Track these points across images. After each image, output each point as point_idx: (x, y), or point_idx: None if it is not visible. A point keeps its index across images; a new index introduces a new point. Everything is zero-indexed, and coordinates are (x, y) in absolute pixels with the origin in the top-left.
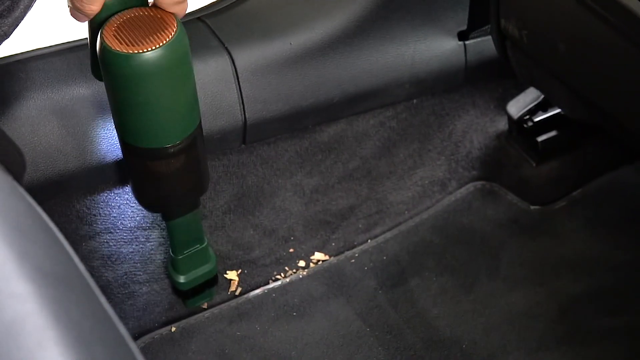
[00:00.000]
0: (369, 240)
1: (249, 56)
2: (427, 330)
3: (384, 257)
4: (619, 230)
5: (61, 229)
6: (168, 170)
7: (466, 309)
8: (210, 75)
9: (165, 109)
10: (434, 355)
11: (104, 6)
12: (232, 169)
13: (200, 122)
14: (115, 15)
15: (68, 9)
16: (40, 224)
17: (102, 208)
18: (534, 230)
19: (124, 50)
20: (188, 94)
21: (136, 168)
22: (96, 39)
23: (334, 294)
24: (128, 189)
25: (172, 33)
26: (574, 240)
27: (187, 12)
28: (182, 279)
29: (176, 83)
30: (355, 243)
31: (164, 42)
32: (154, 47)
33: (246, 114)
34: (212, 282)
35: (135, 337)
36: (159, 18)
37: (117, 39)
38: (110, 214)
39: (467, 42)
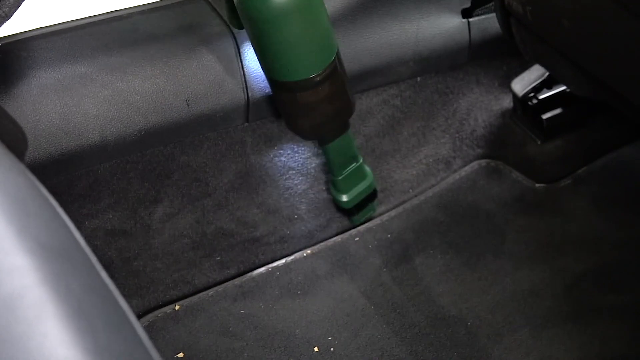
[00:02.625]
0: (373, 219)
1: None
2: (432, 308)
3: (389, 235)
4: (624, 207)
5: (64, 207)
6: (318, 98)
7: (471, 286)
8: (213, 54)
9: (306, 42)
10: (439, 332)
11: None
12: (235, 148)
13: (337, 49)
14: None
15: None
16: (40, 199)
17: (104, 186)
18: (539, 208)
19: None
20: (324, 24)
21: (289, 102)
22: None
23: (338, 272)
24: (130, 167)
25: None
26: (579, 218)
27: None
28: (345, 198)
29: (312, 16)
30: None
31: None
32: None
33: (249, 92)
34: (373, 197)
35: (139, 316)
36: None
37: None
38: (113, 192)
39: (470, 20)
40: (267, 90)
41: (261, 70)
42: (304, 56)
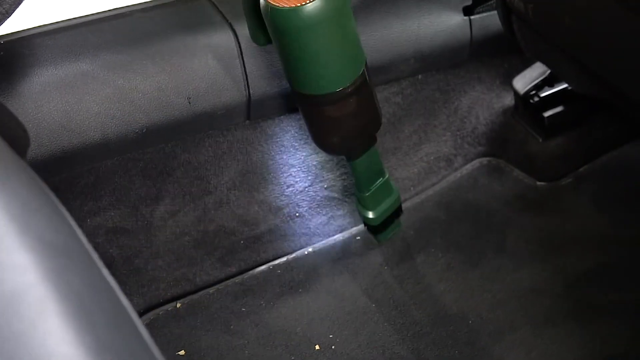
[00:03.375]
0: None
1: None
2: (434, 306)
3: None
4: (626, 206)
5: (66, 205)
6: (346, 112)
7: (472, 284)
8: (214, 51)
9: (336, 54)
10: (441, 330)
11: None
12: (237, 145)
13: (366, 60)
14: None
15: None
16: (42, 196)
17: (106, 184)
18: (540, 207)
19: (286, 4)
20: (353, 35)
21: (315, 116)
22: (248, 9)
23: (340, 270)
24: (132, 164)
25: None
26: (581, 216)
27: None
28: (372, 215)
29: (341, 27)
30: (361, 219)
31: None
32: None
33: (250, 90)
34: (398, 213)
35: (141, 313)
36: None
37: None
38: (114, 190)
39: (472, 17)
40: (268, 88)
41: (263, 67)
42: (333, 68)
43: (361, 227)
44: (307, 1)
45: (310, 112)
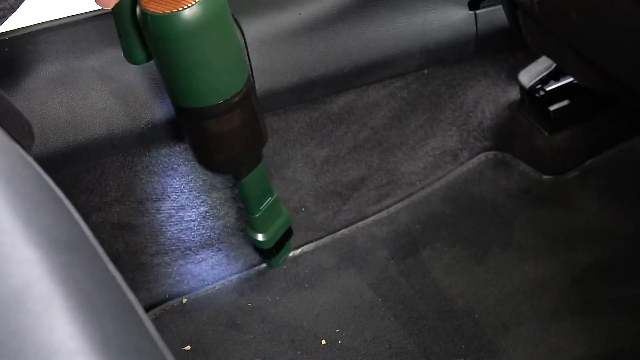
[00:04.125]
0: (381, 211)
1: (258, 27)
2: (440, 301)
3: (396, 228)
4: (632, 200)
5: (71, 201)
6: (230, 127)
7: (478, 279)
8: None
9: (217, 63)
10: (447, 325)
11: None
12: None
13: (250, 75)
14: None
15: None
16: (47, 191)
17: (111, 179)
18: (546, 200)
19: (164, 11)
20: (232, 47)
21: (198, 133)
22: (123, 26)
23: (346, 265)
24: (137, 160)
25: None
26: (587, 210)
27: None
28: (263, 237)
29: (220, 35)
30: (367, 214)
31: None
32: (190, 4)
33: (255, 84)
34: (289, 234)
35: (147, 309)
36: None
37: (154, 3)
38: (120, 186)
39: (477, 12)
40: (273, 83)
41: (268, 62)
42: (214, 79)
43: (367, 221)
44: (185, 6)
45: (192, 128)
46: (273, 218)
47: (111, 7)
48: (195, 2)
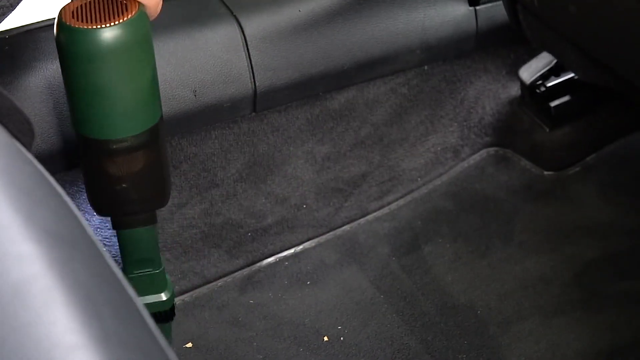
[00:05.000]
0: (382, 208)
1: (258, 23)
2: (441, 297)
3: (397, 224)
4: (633, 195)
5: (72, 199)
6: (122, 167)
7: (480, 275)
8: (219, 43)
9: (120, 94)
10: (449, 321)
11: None
12: (243, 137)
13: (162, 119)
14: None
15: None
16: (47, 188)
17: None
18: (548, 196)
19: (81, 26)
20: (147, 81)
21: (88, 162)
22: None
23: (347, 261)
24: None
25: (132, 13)
26: (588, 206)
27: None
28: None
29: (134, 66)
30: (368, 210)
31: (122, 20)
32: (110, 24)
33: (256, 81)
34: (167, 317)
35: None
36: (121, 2)
37: (74, 17)
38: None
39: (477, 8)
40: (274, 80)
41: (268, 59)
42: (116, 111)
43: (369, 217)
44: (106, 25)
45: (87, 161)
46: (147, 290)
47: None
48: (119, 22)
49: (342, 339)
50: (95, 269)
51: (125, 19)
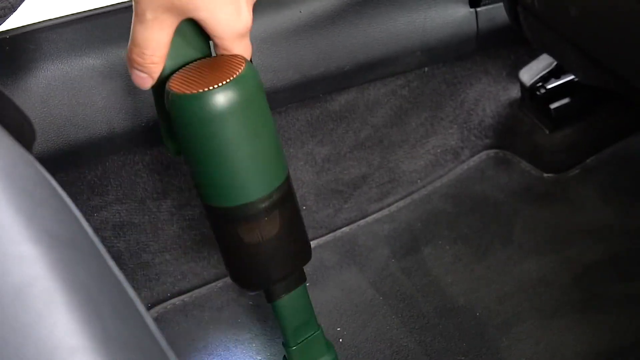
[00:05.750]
0: (382, 209)
1: (258, 24)
2: (441, 298)
3: (397, 226)
4: (633, 197)
5: (72, 199)
6: (263, 233)
7: (480, 276)
8: None
9: (246, 153)
10: (448, 323)
11: (166, 64)
12: None
13: (289, 174)
14: (181, 70)
15: (131, 76)
16: (48, 188)
17: (112, 178)
18: (548, 198)
19: (191, 92)
20: (269, 133)
21: (227, 239)
22: (162, 110)
23: (347, 262)
24: (138, 158)
25: (240, 70)
26: (588, 208)
27: None
28: None
29: (253, 120)
30: (368, 212)
31: (231, 78)
32: (221, 84)
33: None
34: None
35: (148, 307)
36: (225, 61)
37: (183, 85)
38: (121, 184)
39: (478, 9)
40: (274, 81)
41: (269, 60)
42: (246, 171)
43: (368, 219)
44: (214, 87)
45: (221, 232)
46: (314, 356)
47: (147, 88)
48: (226, 82)
49: (341, 340)
50: (96, 270)
51: (233, 77)
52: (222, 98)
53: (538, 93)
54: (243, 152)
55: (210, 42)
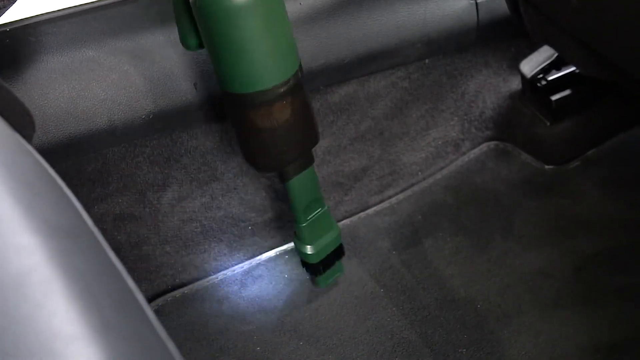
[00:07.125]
0: (382, 202)
1: None
2: (441, 291)
3: (397, 218)
4: (634, 189)
5: (73, 192)
6: (277, 118)
7: (480, 268)
8: None
9: (264, 44)
10: (449, 315)
11: None
12: None
13: (301, 64)
14: None
15: None
16: (47, 179)
17: (113, 170)
18: (548, 190)
19: None
20: (284, 27)
21: (243, 124)
22: (178, 9)
23: (348, 255)
24: (139, 151)
25: None
26: (588, 200)
27: None
28: (310, 250)
29: (271, 14)
30: (368, 204)
31: None
32: None
33: None
34: (340, 253)
35: (149, 299)
36: None
37: None
38: (121, 177)
39: (478, 1)
40: None
41: None
42: (262, 61)
43: (369, 212)
44: None
45: (237, 118)
46: (322, 231)
47: None
48: None
49: (341, 332)
50: (95, 260)
51: None
52: None
53: (539, 85)
54: (262, 42)
55: None
